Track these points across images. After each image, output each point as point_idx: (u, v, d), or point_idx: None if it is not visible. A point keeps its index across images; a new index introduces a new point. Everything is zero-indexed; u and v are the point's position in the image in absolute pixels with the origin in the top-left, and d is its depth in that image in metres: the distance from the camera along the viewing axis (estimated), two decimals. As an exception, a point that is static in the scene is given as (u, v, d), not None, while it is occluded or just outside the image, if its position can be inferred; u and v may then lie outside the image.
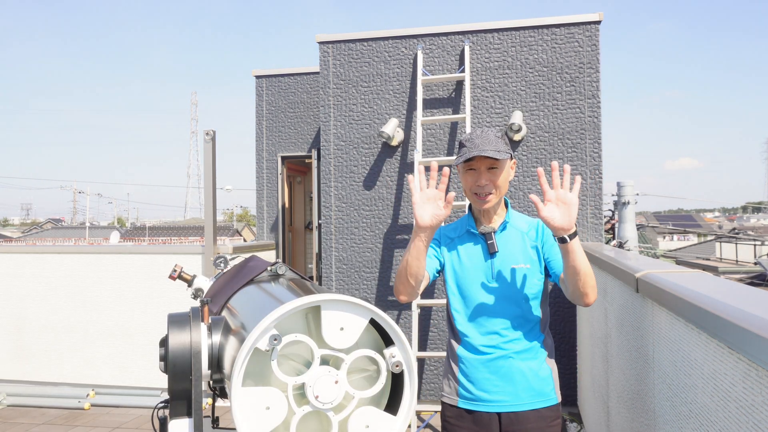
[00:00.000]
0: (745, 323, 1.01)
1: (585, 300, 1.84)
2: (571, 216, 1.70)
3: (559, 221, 1.70)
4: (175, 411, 1.47)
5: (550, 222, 1.70)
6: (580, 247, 1.75)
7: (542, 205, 1.71)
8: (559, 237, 1.72)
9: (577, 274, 1.76)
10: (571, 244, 1.71)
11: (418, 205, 1.78)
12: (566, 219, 1.70)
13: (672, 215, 72.36)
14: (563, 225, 1.70)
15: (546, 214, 1.70)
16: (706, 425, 1.24)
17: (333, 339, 1.37)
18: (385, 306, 4.70)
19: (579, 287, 1.79)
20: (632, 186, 5.85)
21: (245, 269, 2.03)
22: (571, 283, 1.80)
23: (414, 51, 4.73)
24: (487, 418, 1.93)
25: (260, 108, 6.13)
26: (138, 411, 4.84)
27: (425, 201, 1.78)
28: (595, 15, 4.46)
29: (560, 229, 1.70)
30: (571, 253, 1.73)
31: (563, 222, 1.70)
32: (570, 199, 1.71)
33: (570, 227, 1.70)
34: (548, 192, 1.73)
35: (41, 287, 5.25)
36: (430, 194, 1.79)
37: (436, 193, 1.79)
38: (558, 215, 1.70)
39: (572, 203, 1.71)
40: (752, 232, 35.67)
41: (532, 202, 1.71)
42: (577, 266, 1.74)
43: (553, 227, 1.71)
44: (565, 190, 1.72)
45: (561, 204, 1.71)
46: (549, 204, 1.72)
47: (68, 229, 44.70)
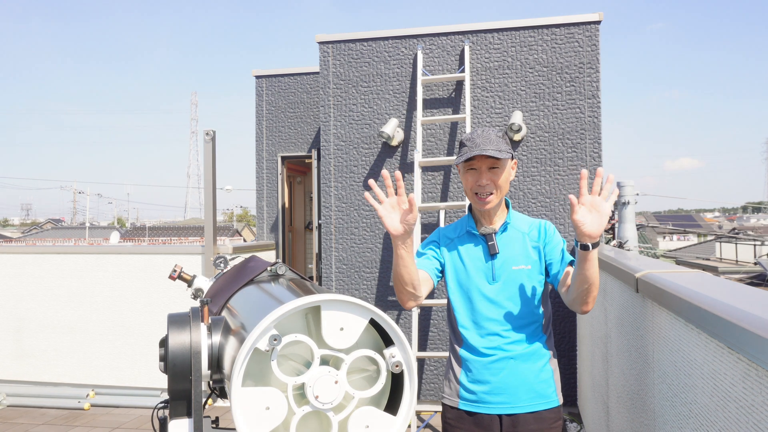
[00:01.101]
0: (745, 323, 1.01)
1: (584, 308, 1.84)
2: (600, 225, 1.68)
3: (588, 227, 1.67)
4: (175, 411, 1.47)
5: (579, 226, 1.67)
6: (597, 257, 1.73)
7: (577, 207, 1.68)
8: (583, 243, 1.70)
9: (586, 282, 1.75)
10: (591, 253, 1.70)
11: (385, 217, 1.77)
12: (596, 226, 1.67)
13: (672, 215, 72.38)
14: (591, 232, 1.67)
15: (578, 217, 1.67)
16: (706, 425, 1.24)
17: (333, 339, 1.37)
18: (385, 306, 4.70)
19: (583, 296, 1.79)
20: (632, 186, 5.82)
21: (245, 269, 2.03)
22: (577, 290, 1.79)
23: (414, 51, 4.73)
24: (488, 420, 1.93)
25: (260, 108, 6.13)
26: (138, 411, 4.84)
27: (390, 211, 1.77)
28: (594, 15, 4.45)
29: (587, 236, 1.68)
30: (589, 261, 1.71)
31: (592, 229, 1.67)
32: (604, 209, 1.68)
33: (597, 236, 1.69)
34: (585, 195, 1.70)
35: (41, 287, 5.25)
36: (391, 202, 1.78)
37: (395, 199, 1.78)
38: (589, 221, 1.67)
39: (605, 213, 1.68)
40: (752, 232, 35.67)
41: (569, 202, 1.69)
42: (590, 276, 1.73)
43: (581, 232, 1.68)
44: (602, 199, 1.69)
45: (594, 211, 1.69)
46: (583, 208, 1.69)
47: (68, 229, 44.68)
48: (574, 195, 1.70)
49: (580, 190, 1.72)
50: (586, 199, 1.70)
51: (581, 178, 1.70)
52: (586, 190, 1.71)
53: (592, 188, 1.70)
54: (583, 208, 1.68)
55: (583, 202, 1.69)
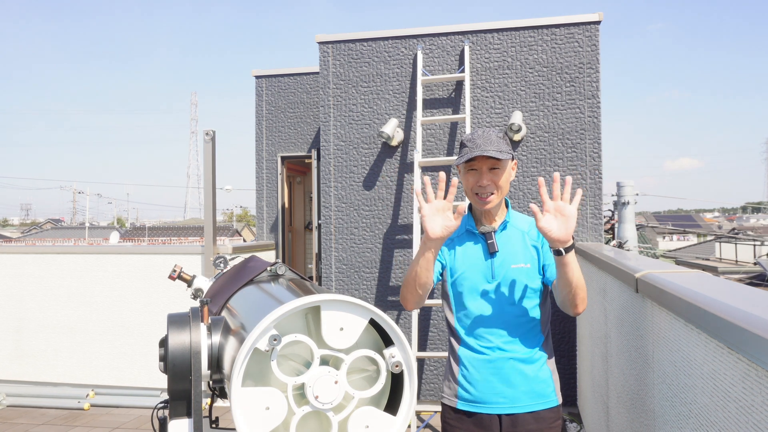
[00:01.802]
0: (745, 323, 1.01)
1: (574, 310, 1.85)
2: (568, 228, 1.69)
3: (556, 233, 1.68)
4: (175, 411, 1.47)
5: (547, 233, 1.68)
6: (575, 260, 1.74)
7: (541, 215, 1.69)
8: (555, 249, 1.71)
9: (569, 285, 1.76)
10: (566, 257, 1.71)
11: (428, 218, 1.77)
12: (563, 231, 1.68)
13: (672, 215, 72.41)
14: (560, 237, 1.68)
15: (543, 224, 1.68)
16: (706, 425, 1.24)
17: (333, 339, 1.37)
18: (384, 306, 4.70)
19: (569, 299, 1.80)
20: (632, 186, 5.84)
21: (245, 269, 2.03)
22: (562, 293, 1.81)
23: (414, 51, 4.73)
24: (487, 419, 1.93)
25: (260, 108, 6.13)
26: (138, 411, 4.84)
27: (434, 213, 1.77)
28: (594, 15, 4.46)
29: (557, 241, 1.69)
30: (565, 265, 1.72)
31: (560, 234, 1.68)
32: (569, 212, 1.69)
33: (567, 240, 1.69)
34: (547, 202, 1.71)
35: (41, 287, 5.25)
36: (439, 206, 1.78)
37: (445, 204, 1.78)
38: (555, 226, 1.68)
39: (571, 216, 1.69)
40: (752, 232, 35.68)
41: (532, 212, 1.70)
42: (570, 278, 1.74)
43: (550, 238, 1.69)
44: (565, 202, 1.70)
45: (559, 215, 1.69)
46: (547, 215, 1.70)
47: (68, 229, 44.68)
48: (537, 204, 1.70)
49: (542, 198, 1.73)
50: (549, 205, 1.71)
51: (539, 185, 1.73)
52: (547, 197, 1.72)
53: (553, 193, 1.72)
54: (548, 214, 1.70)
55: (548, 209, 1.71)
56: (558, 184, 1.72)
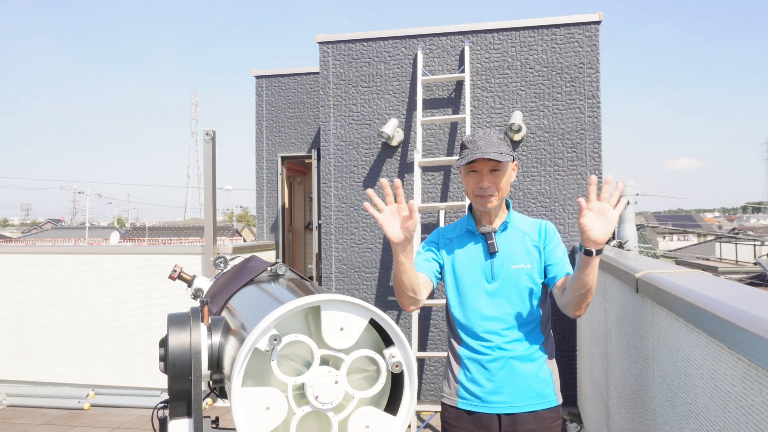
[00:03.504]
0: (745, 323, 1.01)
1: (576, 313, 1.85)
2: (607, 231, 1.67)
3: (595, 233, 1.66)
4: (175, 411, 1.47)
5: (586, 231, 1.66)
6: (597, 264, 1.73)
7: (585, 211, 1.67)
8: (587, 249, 1.69)
9: (584, 287, 1.75)
10: (593, 259, 1.69)
11: (385, 225, 1.76)
12: (602, 233, 1.67)
13: (672, 215, 72.42)
14: (597, 238, 1.66)
15: (586, 222, 1.66)
16: (706, 425, 1.23)
17: (333, 339, 1.37)
18: (384, 306, 4.70)
19: (578, 301, 1.80)
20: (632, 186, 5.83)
21: (245, 269, 2.03)
22: (573, 294, 1.79)
23: (414, 51, 4.73)
24: (487, 419, 1.93)
25: (260, 108, 6.13)
26: (138, 411, 4.84)
27: (389, 218, 1.77)
28: (594, 15, 4.46)
29: (593, 242, 1.67)
30: (590, 267, 1.71)
31: (598, 235, 1.66)
32: (611, 216, 1.67)
33: (602, 242, 1.68)
34: (594, 201, 1.69)
35: (41, 287, 5.25)
36: (391, 210, 1.77)
37: (395, 207, 1.77)
38: (596, 227, 1.66)
39: (612, 220, 1.67)
40: (752, 232, 35.67)
41: (578, 204, 1.67)
42: (589, 281, 1.74)
43: (587, 237, 1.67)
44: (610, 206, 1.68)
45: (602, 217, 1.68)
46: (590, 213, 1.67)
47: (68, 229, 44.69)
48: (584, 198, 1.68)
49: (588, 195, 1.70)
50: (594, 204, 1.68)
51: (590, 183, 1.69)
52: (594, 195, 1.69)
53: (600, 195, 1.69)
54: (591, 213, 1.67)
55: (591, 207, 1.68)
56: (609, 186, 1.69)
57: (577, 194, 4.44)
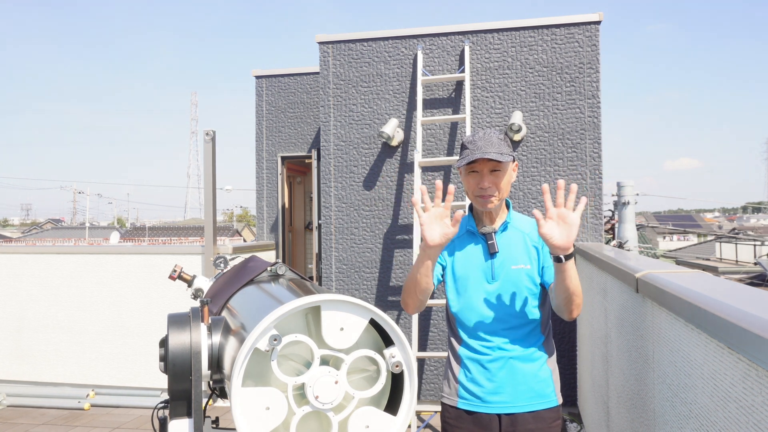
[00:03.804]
0: (745, 323, 1.01)
1: (568, 315, 1.86)
2: (570, 236, 1.69)
3: (557, 239, 1.68)
4: (175, 411, 1.47)
5: (548, 239, 1.69)
6: (573, 267, 1.74)
7: (543, 221, 1.69)
8: (555, 256, 1.71)
9: (565, 292, 1.77)
10: (565, 264, 1.71)
11: (427, 226, 1.77)
12: (565, 238, 1.68)
13: (672, 215, 72.43)
14: (561, 244, 1.68)
15: (546, 231, 1.68)
16: (706, 426, 1.23)
17: (333, 339, 1.37)
18: (385, 306, 4.70)
19: (566, 304, 1.81)
20: (632, 186, 5.84)
21: (245, 269, 2.03)
22: (558, 299, 1.82)
23: (414, 51, 4.73)
24: (486, 419, 1.93)
25: (260, 108, 6.13)
26: (138, 411, 4.84)
27: (432, 220, 1.77)
28: (594, 15, 4.46)
29: (558, 248, 1.69)
30: (564, 272, 1.73)
31: (561, 241, 1.68)
32: (572, 220, 1.69)
33: (568, 247, 1.69)
34: (551, 209, 1.71)
35: (41, 287, 5.25)
36: (437, 213, 1.78)
37: (443, 211, 1.78)
38: (557, 233, 1.68)
39: (573, 224, 1.69)
40: (752, 232, 35.66)
41: (535, 218, 1.70)
42: (568, 285, 1.75)
43: (551, 245, 1.69)
44: (568, 210, 1.70)
45: (562, 223, 1.69)
46: (550, 221, 1.70)
47: (68, 229, 44.70)
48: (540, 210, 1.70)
49: (545, 204, 1.73)
50: (552, 212, 1.71)
51: (543, 192, 1.72)
52: (551, 203, 1.72)
53: (557, 200, 1.72)
54: (550, 221, 1.70)
55: (551, 215, 1.70)
56: (562, 191, 1.72)
57: (577, 194, 4.44)
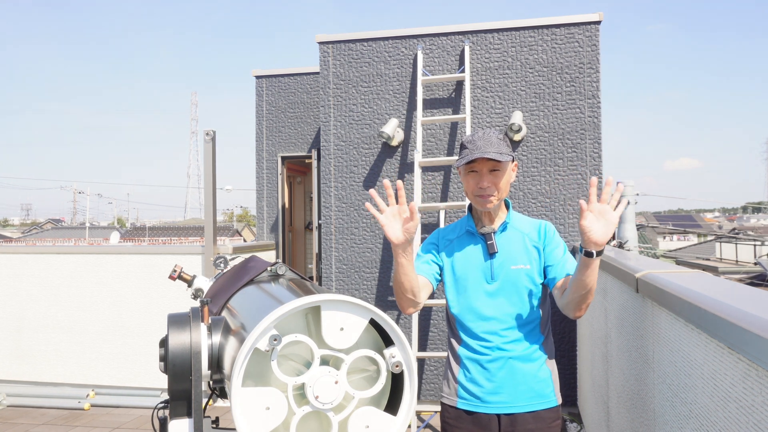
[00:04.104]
0: (745, 323, 1.01)
1: (576, 314, 1.85)
2: (607, 232, 1.68)
3: (595, 234, 1.67)
4: (175, 411, 1.47)
5: (587, 232, 1.67)
6: (598, 265, 1.74)
7: (586, 213, 1.67)
8: (588, 250, 1.69)
9: (584, 288, 1.75)
10: (594, 261, 1.70)
11: (386, 226, 1.77)
12: (602, 234, 1.67)
13: (672, 215, 72.41)
14: (597, 239, 1.67)
15: (586, 223, 1.67)
16: (706, 426, 1.23)
17: (333, 339, 1.37)
18: (385, 306, 4.70)
19: (578, 302, 1.80)
20: (632, 186, 5.82)
21: (245, 269, 2.03)
22: (573, 295, 1.80)
23: (414, 51, 4.73)
24: (486, 419, 1.93)
25: (260, 108, 6.13)
26: (138, 411, 4.84)
27: (390, 219, 1.78)
28: (595, 15, 4.46)
29: (593, 243, 1.67)
30: (590, 268, 1.71)
31: (599, 236, 1.67)
32: (611, 217, 1.68)
33: (603, 244, 1.69)
34: (594, 203, 1.69)
35: (41, 287, 5.25)
36: (392, 211, 1.78)
37: (397, 208, 1.78)
38: (596, 228, 1.67)
39: (612, 222, 1.68)
40: (752, 232, 35.65)
41: (579, 206, 1.68)
42: (589, 282, 1.74)
43: (588, 239, 1.68)
44: (611, 208, 1.69)
45: (602, 218, 1.68)
46: (590, 215, 1.68)
47: (68, 229, 44.69)
48: (584, 200, 1.69)
49: (589, 197, 1.71)
50: (594, 206, 1.69)
51: (591, 185, 1.70)
52: (595, 197, 1.70)
53: (601, 196, 1.70)
54: (591, 215, 1.68)
55: (592, 209, 1.68)
56: (610, 188, 1.70)
57: (577, 194, 4.44)
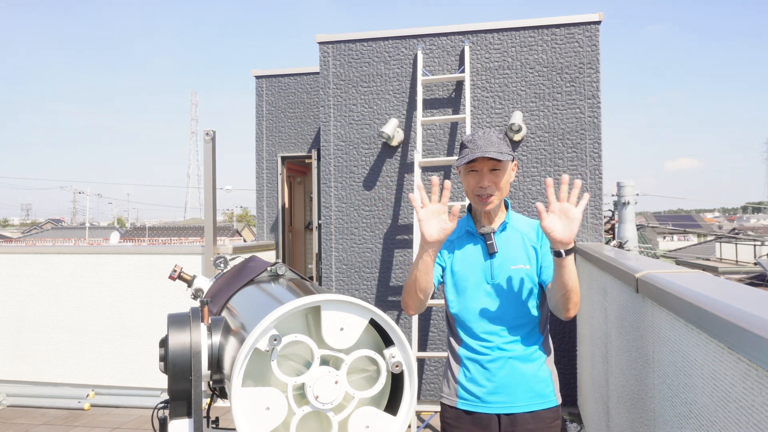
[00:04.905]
0: (745, 323, 1.01)
1: (565, 314, 1.85)
2: (571, 230, 1.69)
3: (559, 234, 1.68)
4: (175, 411, 1.47)
5: (550, 233, 1.69)
6: (573, 263, 1.74)
7: (546, 214, 1.70)
8: (556, 250, 1.71)
9: (564, 288, 1.76)
10: (564, 260, 1.71)
11: (425, 221, 1.77)
12: (567, 233, 1.69)
13: (672, 215, 72.40)
14: (563, 238, 1.69)
15: (548, 224, 1.69)
16: (706, 426, 1.23)
17: (333, 339, 1.37)
18: (385, 306, 4.70)
19: (563, 302, 1.81)
20: (632, 186, 5.84)
21: (245, 269, 2.03)
22: (556, 296, 1.81)
23: (414, 51, 4.73)
24: (486, 419, 1.93)
25: (260, 108, 6.13)
26: (138, 411, 4.84)
27: (430, 216, 1.78)
28: (595, 15, 4.46)
29: (559, 242, 1.69)
30: (563, 268, 1.73)
31: (563, 235, 1.68)
32: (574, 214, 1.70)
33: (569, 242, 1.70)
34: (553, 203, 1.72)
35: (41, 287, 5.25)
36: (434, 209, 1.78)
37: (440, 207, 1.79)
38: (559, 227, 1.69)
39: (575, 218, 1.69)
40: (752, 232, 35.65)
41: (537, 210, 1.70)
42: (566, 281, 1.75)
43: (553, 239, 1.70)
44: (571, 205, 1.71)
45: (564, 217, 1.70)
46: (552, 215, 1.70)
47: (68, 229, 44.70)
48: (542, 203, 1.70)
49: (548, 198, 1.73)
50: (554, 206, 1.71)
51: (547, 186, 1.73)
52: (554, 197, 1.72)
53: (560, 194, 1.72)
54: (552, 215, 1.70)
55: (553, 209, 1.71)
56: (566, 186, 1.72)
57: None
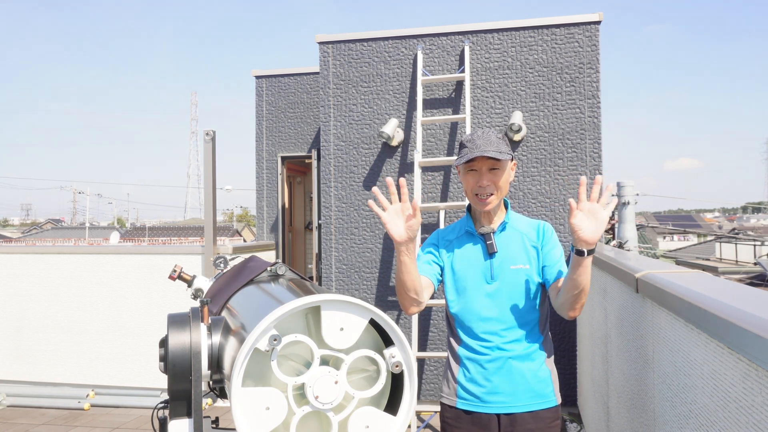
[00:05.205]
0: (745, 323, 1.01)
1: (571, 314, 1.86)
2: (597, 231, 1.69)
3: (585, 233, 1.68)
4: (175, 411, 1.47)
5: (577, 231, 1.68)
6: (590, 264, 1.74)
7: (576, 211, 1.69)
8: (579, 249, 1.71)
9: (577, 288, 1.76)
10: (585, 259, 1.71)
11: (389, 224, 1.78)
12: (592, 233, 1.69)
13: (672, 215, 72.39)
14: (587, 237, 1.68)
15: (576, 221, 1.68)
16: (706, 426, 1.23)
17: (333, 339, 1.37)
18: (385, 306, 4.70)
19: (572, 302, 1.81)
20: (632, 186, 5.83)
21: (245, 269, 2.03)
22: (567, 295, 1.81)
23: (414, 51, 4.73)
24: (485, 419, 1.93)
25: (260, 108, 6.13)
26: (138, 411, 4.84)
27: (394, 217, 1.78)
28: (595, 15, 4.46)
29: (583, 241, 1.69)
30: (582, 267, 1.72)
31: (588, 234, 1.68)
32: (601, 216, 1.70)
33: (593, 242, 1.70)
34: (583, 201, 1.71)
35: (41, 287, 5.25)
36: (395, 209, 1.79)
37: (400, 206, 1.79)
38: (586, 226, 1.69)
39: (602, 220, 1.70)
40: (752, 232, 35.64)
41: (569, 205, 1.70)
42: (581, 282, 1.75)
43: (578, 237, 1.69)
44: (600, 206, 1.71)
45: (592, 217, 1.70)
46: (580, 213, 1.70)
47: (68, 229, 44.69)
48: (574, 199, 1.70)
49: (578, 196, 1.73)
50: (584, 205, 1.71)
51: (580, 184, 1.72)
52: (585, 196, 1.72)
53: (591, 195, 1.72)
54: (581, 213, 1.70)
55: (582, 207, 1.70)
56: (599, 186, 1.72)
57: (577, 195, 4.44)
